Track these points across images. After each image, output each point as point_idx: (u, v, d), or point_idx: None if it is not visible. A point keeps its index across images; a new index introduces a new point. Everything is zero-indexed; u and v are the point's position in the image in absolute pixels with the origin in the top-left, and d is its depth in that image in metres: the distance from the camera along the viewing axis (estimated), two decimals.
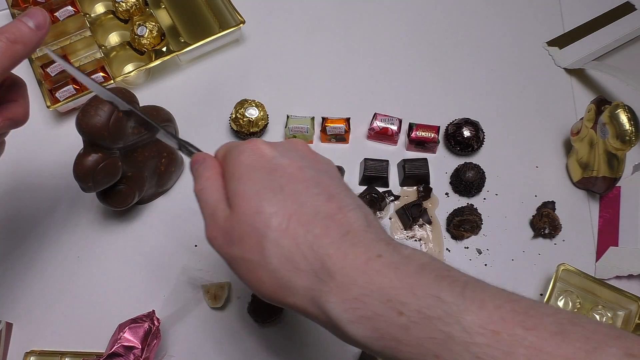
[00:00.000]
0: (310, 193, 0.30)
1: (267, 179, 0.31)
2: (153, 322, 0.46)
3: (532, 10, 0.71)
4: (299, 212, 0.29)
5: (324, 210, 0.29)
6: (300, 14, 0.70)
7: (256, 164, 0.31)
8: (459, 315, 0.24)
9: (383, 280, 0.26)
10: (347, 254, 0.27)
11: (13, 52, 0.35)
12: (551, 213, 0.56)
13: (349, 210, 0.30)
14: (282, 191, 0.30)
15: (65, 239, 0.55)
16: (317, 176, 0.31)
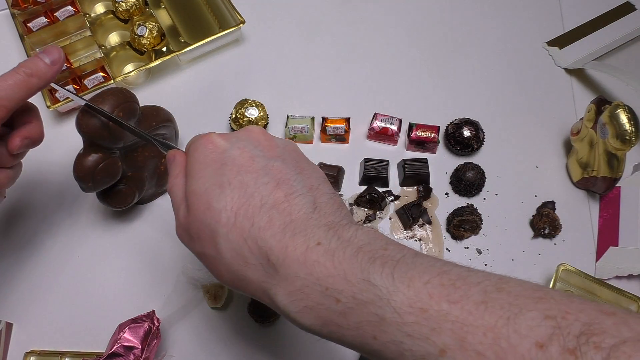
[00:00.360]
0: (259, 183, 0.30)
1: (216, 175, 0.31)
2: (153, 322, 0.46)
3: (532, 10, 0.71)
4: (246, 205, 0.29)
5: (271, 199, 0.30)
6: (300, 14, 0.70)
7: (208, 159, 0.32)
8: (389, 297, 0.25)
9: (321, 270, 0.27)
10: (287, 246, 0.28)
11: (29, 85, 0.39)
12: (551, 213, 0.56)
13: (296, 196, 0.30)
14: (229, 185, 0.30)
15: (65, 239, 0.55)
16: (268, 164, 0.31)
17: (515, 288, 0.24)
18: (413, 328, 0.24)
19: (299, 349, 0.50)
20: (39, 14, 0.65)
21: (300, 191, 0.30)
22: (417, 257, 0.27)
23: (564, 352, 0.20)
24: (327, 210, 0.30)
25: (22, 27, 0.64)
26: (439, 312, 0.23)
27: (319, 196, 0.31)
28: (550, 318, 0.22)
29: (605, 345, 0.20)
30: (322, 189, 0.31)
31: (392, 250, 0.27)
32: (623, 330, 0.21)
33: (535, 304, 0.22)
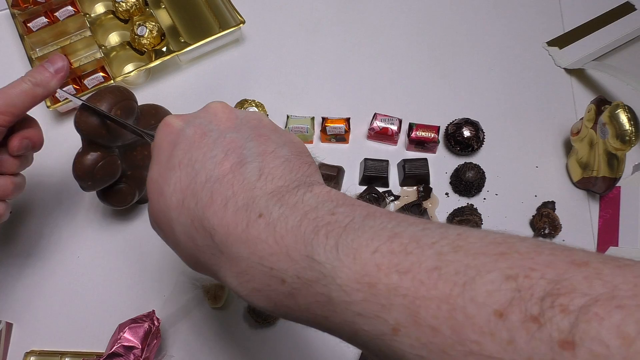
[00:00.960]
0: (207, 157, 0.28)
1: (169, 157, 0.30)
2: (153, 322, 0.46)
3: (532, 10, 0.71)
4: (193, 183, 0.27)
5: (216, 173, 0.27)
6: (300, 14, 0.70)
7: (163, 143, 0.31)
8: (334, 274, 0.22)
9: (263, 248, 0.24)
10: (228, 224, 0.25)
11: (35, 94, 0.42)
12: (551, 213, 0.56)
13: (242, 165, 0.27)
14: (179, 165, 0.29)
15: (65, 239, 0.55)
16: (220, 137, 0.29)
17: (475, 244, 0.20)
18: (362, 306, 0.21)
19: (298, 349, 0.50)
20: (39, 14, 0.65)
21: (249, 158, 0.27)
22: (367, 218, 0.23)
23: (525, 319, 0.17)
24: (275, 173, 0.27)
25: (22, 27, 0.64)
26: (388, 286, 0.20)
27: (271, 160, 0.28)
28: (511, 278, 0.18)
29: (574, 307, 0.17)
30: (278, 152, 0.28)
31: (340, 214, 0.24)
32: (596, 285, 0.17)
33: (496, 262, 0.19)
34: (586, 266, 0.18)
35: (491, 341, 0.18)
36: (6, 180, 0.42)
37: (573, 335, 0.16)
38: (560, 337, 0.17)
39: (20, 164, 0.44)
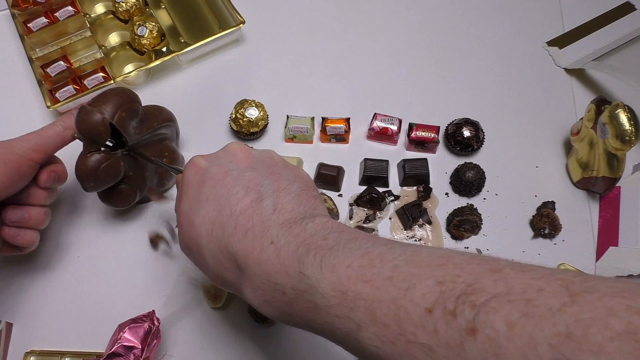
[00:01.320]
0: (230, 194, 0.34)
1: (197, 193, 0.36)
2: (153, 322, 0.46)
3: (532, 10, 0.71)
4: (220, 216, 0.33)
5: (239, 207, 0.33)
6: (300, 14, 0.70)
7: (191, 181, 0.37)
8: (317, 284, 0.27)
9: (270, 267, 0.30)
10: (247, 249, 0.31)
11: (65, 136, 0.47)
12: (551, 213, 0.56)
13: (261, 200, 0.33)
14: (207, 201, 0.35)
15: (65, 239, 0.55)
16: (240, 175, 0.35)
17: (425, 259, 0.26)
18: (337, 309, 0.26)
19: (298, 349, 0.50)
20: (39, 14, 0.65)
21: (266, 194, 0.33)
22: (350, 241, 0.29)
23: (445, 313, 0.22)
24: (287, 208, 0.33)
25: (22, 27, 0.64)
26: (355, 292, 0.26)
27: (284, 196, 0.33)
28: (441, 284, 0.24)
29: (478, 303, 0.22)
30: (289, 189, 0.34)
31: (330, 239, 0.29)
32: (499, 286, 0.22)
33: (433, 272, 0.24)
34: (499, 272, 0.23)
35: (423, 332, 0.23)
36: (39, 211, 0.48)
37: (475, 323, 0.21)
38: (467, 325, 0.22)
39: (49, 196, 0.49)
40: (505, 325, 0.21)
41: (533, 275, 0.23)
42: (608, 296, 0.20)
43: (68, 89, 0.60)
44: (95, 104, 0.47)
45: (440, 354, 0.22)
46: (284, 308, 0.30)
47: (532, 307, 0.21)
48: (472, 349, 0.21)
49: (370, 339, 0.25)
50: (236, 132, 0.60)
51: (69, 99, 0.59)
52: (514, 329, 0.21)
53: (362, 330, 0.25)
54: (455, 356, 0.22)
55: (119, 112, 0.46)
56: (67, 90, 0.60)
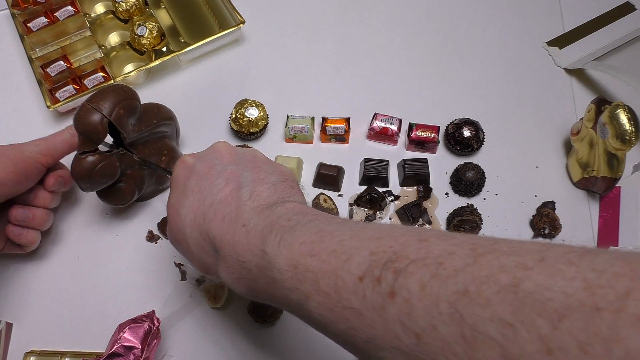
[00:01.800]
0: (213, 185, 0.36)
1: (183, 187, 0.38)
2: (153, 322, 0.46)
3: (532, 10, 0.71)
4: (202, 206, 0.36)
5: (220, 196, 0.35)
6: (300, 14, 0.70)
7: (179, 177, 0.39)
8: (275, 260, 0.29)
9: (240, 247, 0.32)
10: (223, 232, 0.34)
11: (72, 142, 0.50)
12: (551, 213, 0.56)
13: (239, 190, 0.35)
14: (192, 193, 0.37)
15: (65, 239, 0.55)
16: (223, 169, 0.37)
17: (368, 233, 0.27)
18: (289, 282, 0.29)
19: (298, 349, 0.50)
20: (39, 14, 0.65)
21: (244, 184, 0.36)
22: (311, 222, 0.31)
23: (373, 280, 0.24)
24: (262, 195, 0.35)
25: (22, 27, 0.64)
26: (304, 266, 0.28)
27: (260, 185, 0.36)
28: (373, 254, 0.25)
29: (399, 268, 0.24)
30: (267, 179, 0.36)
31: (294, 220, 0.31)
32: (420, 252, 0.24)
33: (371, 244, 0.26)
34: (425, 241, 0.25)
35: (355, 298, 0.25)
36: (43, 212, 0.50)
37: (394, 287, 0.23)
38: (388, 289, 0.24)
39: (53, 199, 0.51)
40: (418, 287, 0.23)
41: (452, 242, 0.24)
42: (505, 255, 0.22)
43: (68, 88, 0.60)
44: (93, 100, 0.47)
45: (367, 317, 0.24)
46: (250, 284, 0.33)
47: (442, 269, 0.23)
48: (391, 310, 0.23)
49: (316, 308, 0.27)
50: (236, 132, 0.60)
51: (69, 99, 0.59)
52: (424, 290, 0.22)
53: (310, 300, 0.28)
54: (378, 318, 0.24)
55: (117, 109, 0.46)
56: (67, 90, 0.60)
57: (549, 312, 0.18)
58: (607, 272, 0.19)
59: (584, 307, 0.18)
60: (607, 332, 0.17)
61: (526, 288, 0.20)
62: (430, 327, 0.22)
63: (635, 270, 0.18)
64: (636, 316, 0.17)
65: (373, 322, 0.24)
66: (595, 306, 0.18)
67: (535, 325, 0.18)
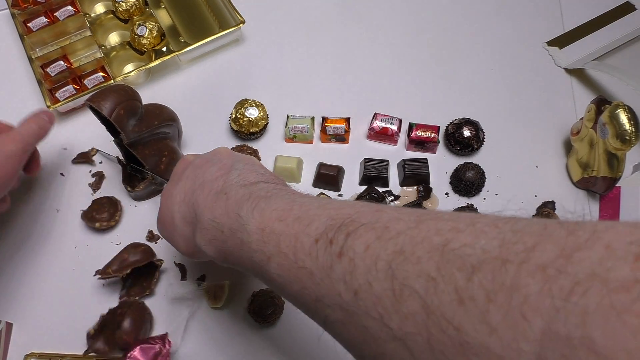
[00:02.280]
0: (206, 171, 0.38)
1: (179, 177, 0.41)
2: (164, 344, 0.46)
3: (532, 10, 0.71)
4: (193, 185, 0.38)
5: (210, 177, 0.38)
6: (300, 14, 0.70)
7: (179, 170, 0.42)
8: (247, 224, 0.31)
9: (218, 212, 0.34)
10: (207, 201, 0.36)
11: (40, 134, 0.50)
12: (551, 213, 0.56)
13: (229, 172, 0.37)
14: (186, 178, 0.40)
15: (65, 239, 0.55)
16: (219, 162, 0.39)
17: (332, 204, 0.29)
18: (256, 244, 0.30)
19: (298, 349, 0.50)
20: (39, 14, 0.65)
21: (236, 169, 0.38)
22: (287, 195, 0.33)
23: (326, 242, 0.26)
24: (250, 177, 0.37)
25: (22, 27, 0.64)
26: (271, 229, 0.30)
27: (250, 172, 0.38)
28: (331, 218, 0.27)
29: (350, 231, 0.25)
30: (257, 170, 0.38)
31: (272, 192, 0.33)
32: (372, 218, 0.26)
33: (332, 212, 0.28)
34: (380, 211, 0.26)
35: (309, 259, 0.27)
36: None
37: (342, 247, 0.25)
38: (337, 250, 0.25)
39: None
40: (363, 247, 0.24)
41: (402, 210, 0.26)
42: (443, 220, 0.23)
43: (68, 88, 0.60)
44: (94, 100, 0.47)
45: (317, 276, 0.26)
46: (220, 246, 0.34)
47: (386, 232, 0.24)
48: (337, 269, 0.25)
49: (275, 269, 0.29)
50: (236, 132, 0.60)
51: (69, 99, 0.59)
52: (367, 250, 0.24)
53: (270, 262, 0.29)
54: (326, 277, 0.25)
55: (118, 109, 0.46)
56: (67, 90, 0.60)
57: (466, 267, 0.20)
58: (523, 232, 0.20)
59: (495, 260, 0.19)
60: (510, 281, 0.18)
61: (452, 247, 0.21)
62: (366, 283, 0.23)
63: (547, 229, 0.20)
64: (536, 265, 0.18)
65: (322, 280, 0.26)
66: (505, 259, 0.19)
67: (453, 279, 0.20)
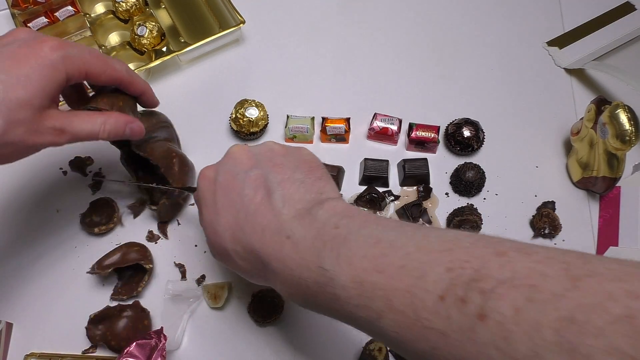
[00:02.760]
0: (242, 196, 0.35)
1: (212, 204, 0.37)
2: (160, 338, 0.46)
3: (532, 10, 0.71)
4: (237, 219, 0.35)
5: (252, 208, 0.35)
6: (301, 14, 0.70)
7: (205, 193, 0.38)
8: (337, 277, 0.29)
9: (292, 263, 0.32)
10: (267, 246, 0.33)
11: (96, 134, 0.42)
12: (551, 213, 0.56)
13: (270, 195, 0.35)
14: (223, 209, 0.36)
15: (65, 239, 0.55)
16: (246, 176, 0.36)
17: (433, 243, 0.27)
18: (357, 300, 0.28)
19: (298, 349, 0.50)
20: (39, 14, 0.65)
21: (273, 188, 0.35)
22: (362, 228, 0.30)
23: (456, 300, 0.24)
24: (295, 197, 0.34)
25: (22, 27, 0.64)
26: (371, 283, 0.27)
27: (289, 186, 0.35)
28: (450, 270, 0.25)
29: (487, 289, 0.23)
30: (293, 177, 0.36)
31: (342, 226, 0.31)
32: (505, 271, 0.24)
33: (442, 257, 0.26)
34: (504, 255, 0.24)
35: (437, 318, 0.24)
36: None
37: (484, 309, 0.23)
38: (477, 311, 0.23)
39: None
40: (512, 310, 0.22)
41: (536, 258, 0.24)
42: (607, 280, 0.21)
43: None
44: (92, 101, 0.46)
45: (453, 337, 0.24)
46: (310, 299, 0.32)
47: (536, 292, 0.22)
48: (483, 333, 0.23)
49: (390, 326, 0.27)
50: (236, 132, 0.60)
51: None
52: (520, 314, 0.22)
53: (382, 318, 0.27)
54: (467, 340, 0.23)
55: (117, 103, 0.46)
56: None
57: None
58: None
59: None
60: None
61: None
62: (533, 353, 0.21)
63: None
64: None
65: (461, 343, 0.23)
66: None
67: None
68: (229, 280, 0.53)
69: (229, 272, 0.53)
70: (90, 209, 0.54)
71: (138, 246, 0.51)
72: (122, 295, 0.51)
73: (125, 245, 0.51)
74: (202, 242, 0.55)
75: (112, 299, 0.51)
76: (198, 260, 0.54)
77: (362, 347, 0.49)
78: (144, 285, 0.51)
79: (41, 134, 0.38)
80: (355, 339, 0.50)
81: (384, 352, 0.48)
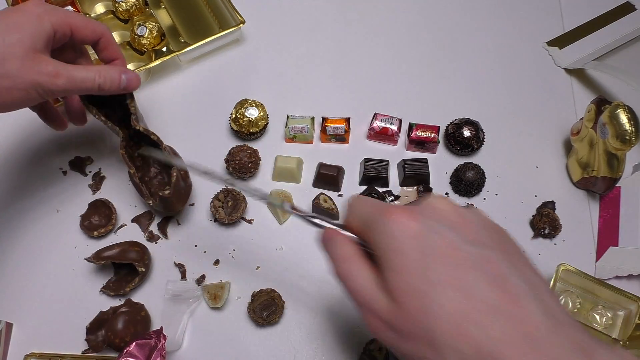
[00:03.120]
0: (473, 279, 0.28)
1: (421, 268, 0.29)
2: (159, 338, 0.46)
3: (532, 10, 0.71)
4: (468, 308, 0.27)
5: (495, 302, 0.27)
6: (300, 14, 0.70)
7: (405, 248, 0.29)
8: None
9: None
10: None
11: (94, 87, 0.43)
12: (551, 213, 0.56)
13: (522, 298, 0.28)
14: (442, 283, 0.28)
15: (65, 239, 0.55)
16: (474, 253, 0.29)
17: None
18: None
19: (298, 349, 0.50)
20: None
21: (525, 291, 0.28)
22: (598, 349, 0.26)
23: None
24: (564, 320, 0.28)
25: None
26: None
27: (547, 298, 0.28)
28: None
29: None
30: (541, 285, 0.29)
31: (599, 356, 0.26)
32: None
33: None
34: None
35: None
36: None
37: None
38: None
39: None
40: None
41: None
42: None
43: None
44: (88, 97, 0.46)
45: None
46: None
47: None
48: None
49: None
50: (236, 132, 0.60)
51: None
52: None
53: None
54: None
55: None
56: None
57: None
58: None
59: None
60: None
61: None
62: None
63: None
64: None
65: None
66: None
67: None
68: (228, 280, 0.53)
69: (229, 272, 0.53)
70: (88, 210, 0.54)
71: (139, 247, 0.51)
72: (110, 291, 0.51)
73: (128, 243, 0.51)
74: (202, 242, 0.55)
75: (101, 291, 0.52)
76: (198, 260, 0.54)
77: (362, 347, 0.49)
78: (133, 287, 0.51)
79: (37, 73, 0.40)
80: (355, 339, 0.50)
81: (384, 352, 0.48)
